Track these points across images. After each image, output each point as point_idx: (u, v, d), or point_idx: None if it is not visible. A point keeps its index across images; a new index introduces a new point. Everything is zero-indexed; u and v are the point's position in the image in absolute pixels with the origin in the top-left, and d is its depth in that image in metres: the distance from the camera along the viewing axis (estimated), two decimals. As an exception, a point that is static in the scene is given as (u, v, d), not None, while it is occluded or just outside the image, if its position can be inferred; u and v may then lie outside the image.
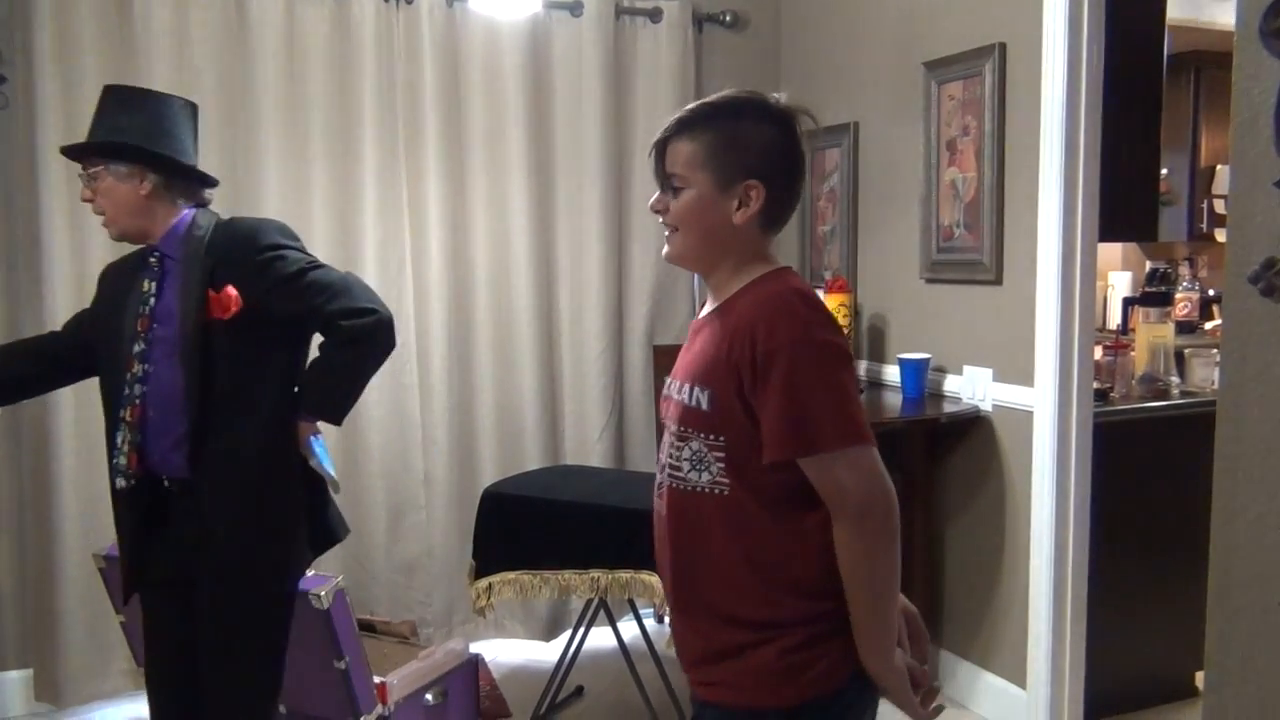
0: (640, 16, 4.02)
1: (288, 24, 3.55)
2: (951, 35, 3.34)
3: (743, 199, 1.53)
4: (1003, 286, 3.19)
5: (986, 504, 3.29)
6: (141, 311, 2.20)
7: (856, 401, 1.46)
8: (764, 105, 1.56)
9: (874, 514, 1.44)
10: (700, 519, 1.53)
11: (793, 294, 1.50)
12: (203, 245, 2.20)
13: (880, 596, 1.47)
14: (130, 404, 2.18)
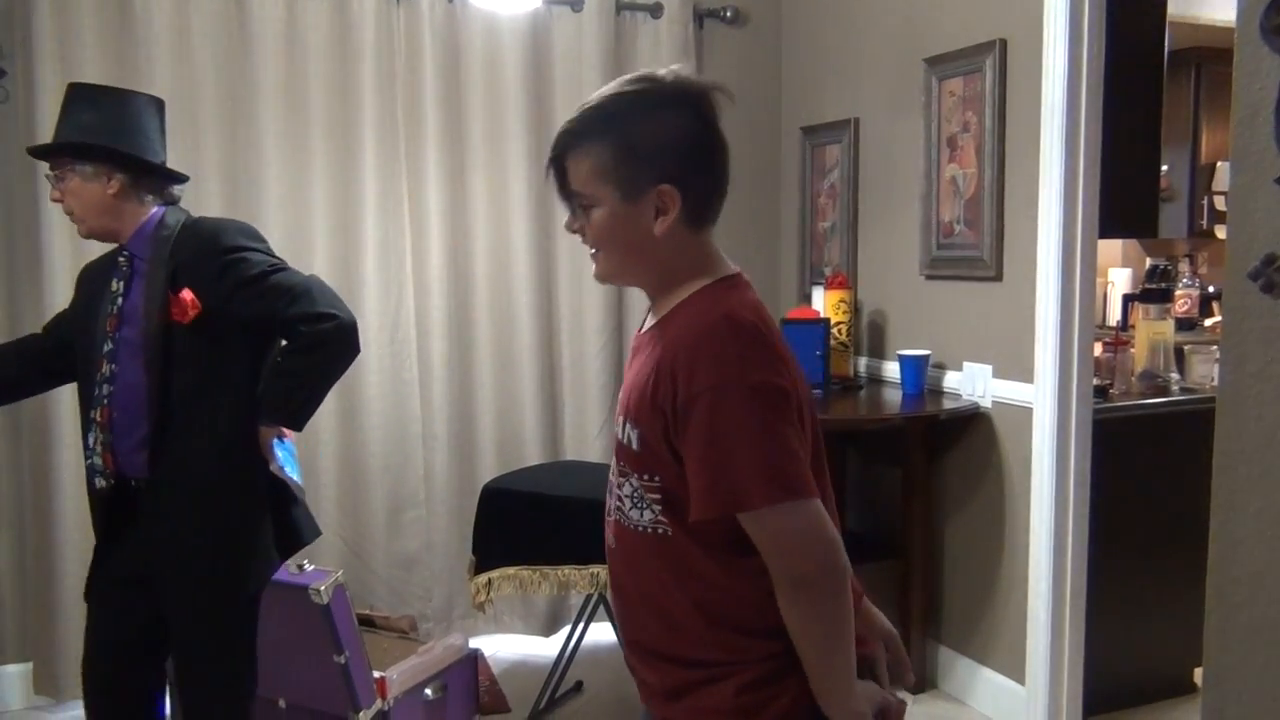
0: (641, 12, 4.02)
1: (288, 19, 3.54)
2: (952, 31, 3.34)
3: (659, 207, 1.37)
4: (1003, 283, 3.19)
5: (986, 500, 3.29)
6: (110, 311, 2.21)
7: (790, 451, 1.30)
8: (656, 92, 1.38)
9: (809, 578, 1.31)
10: (645, 559, 1.41)
11: (723, 324, 1.32)
12: (168, 246, 2.20)
13: (829, 650, 1.35)
14: (100, 405, 2.19)
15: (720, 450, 1.29)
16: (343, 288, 3.63)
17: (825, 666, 1.35)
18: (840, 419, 3.42)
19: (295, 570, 2.74)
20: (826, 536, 1.31)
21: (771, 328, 1.38)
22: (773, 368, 1.32)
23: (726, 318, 1.33)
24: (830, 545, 1.31)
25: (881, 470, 3.80)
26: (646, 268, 1.44)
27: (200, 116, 3.46)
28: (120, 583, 2.30)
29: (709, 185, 1.41)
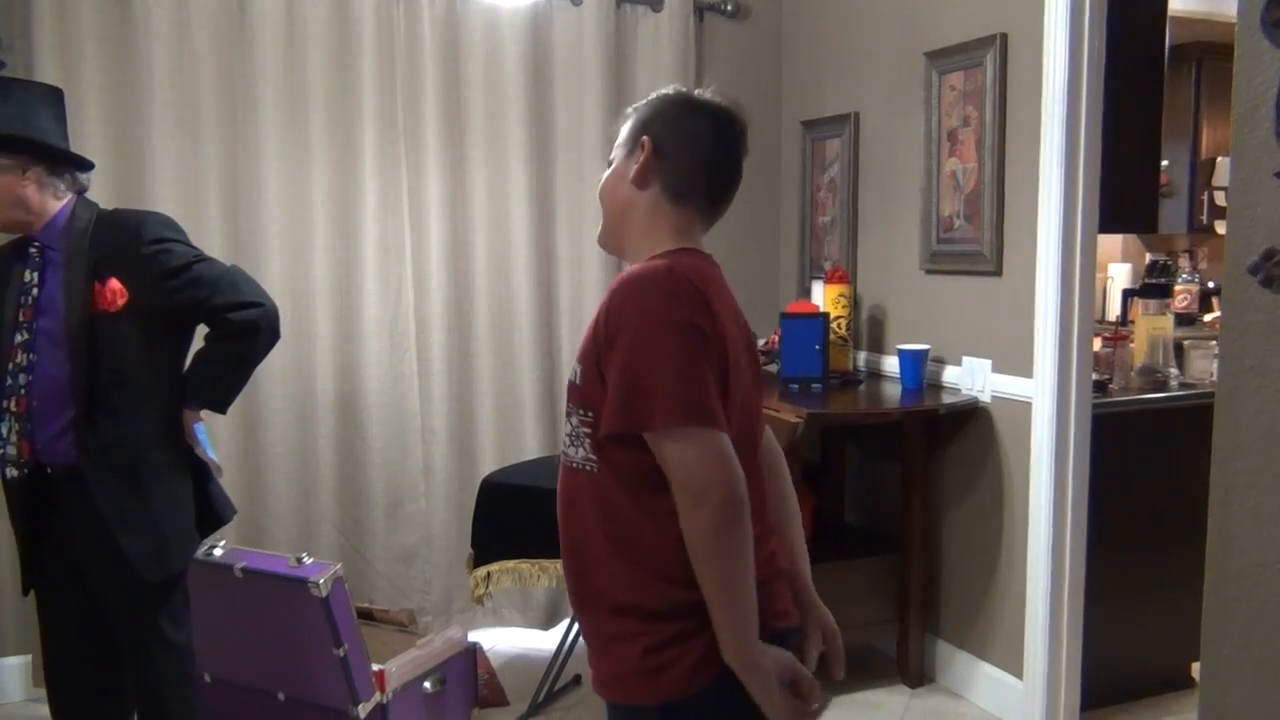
0: (641, 5, 4.01)
1: (288, 13, 3.53)
2: (953, 25, 3.34)
3: (637, 156, 1.57)
4: (1002, 278, 3.19)
5: (985, 494, 3.30)
6: (24, 302, 2.23)
7: (701, 383, 1.39)
8: (684, 94, 1.61)
9: (709, 497, 1.36)
10: (576, 496, 1.52)
11: (660, 269, 1.44)
12: (85, 237, 2.24)
13: (727, 584, 1.39)
14: (15, 394, 2.21)
15: (635, 373, 1.39)
16: (342, 283, 3.65)
17: (723, 602, 1.39)
18: (840, 413, 3.43)
19: (294, 564, 2.74)
20: (727, 466, 1.38)
21: (711, 287, 1.47)
22: (700, 313, 1.41)
23: (666, 267, 1.45)
24: (733, 479, 1.38)
25: (881, 465, 3.81)
26: (626, 226, 1.59)
27: (200, 111, 3.46)
28: (55, 575, 2.34)
29: (691, 164, 1.56)
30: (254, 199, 3.52)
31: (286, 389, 3.56)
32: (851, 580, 3.42)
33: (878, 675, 3.54)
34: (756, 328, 4.09)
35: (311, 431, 3.63)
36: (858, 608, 3.41)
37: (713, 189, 1.59)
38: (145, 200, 3.37)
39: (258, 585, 2.72)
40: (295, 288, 3.53)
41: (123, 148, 3.38)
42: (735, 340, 1.49)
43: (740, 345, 1.52)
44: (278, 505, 3.59)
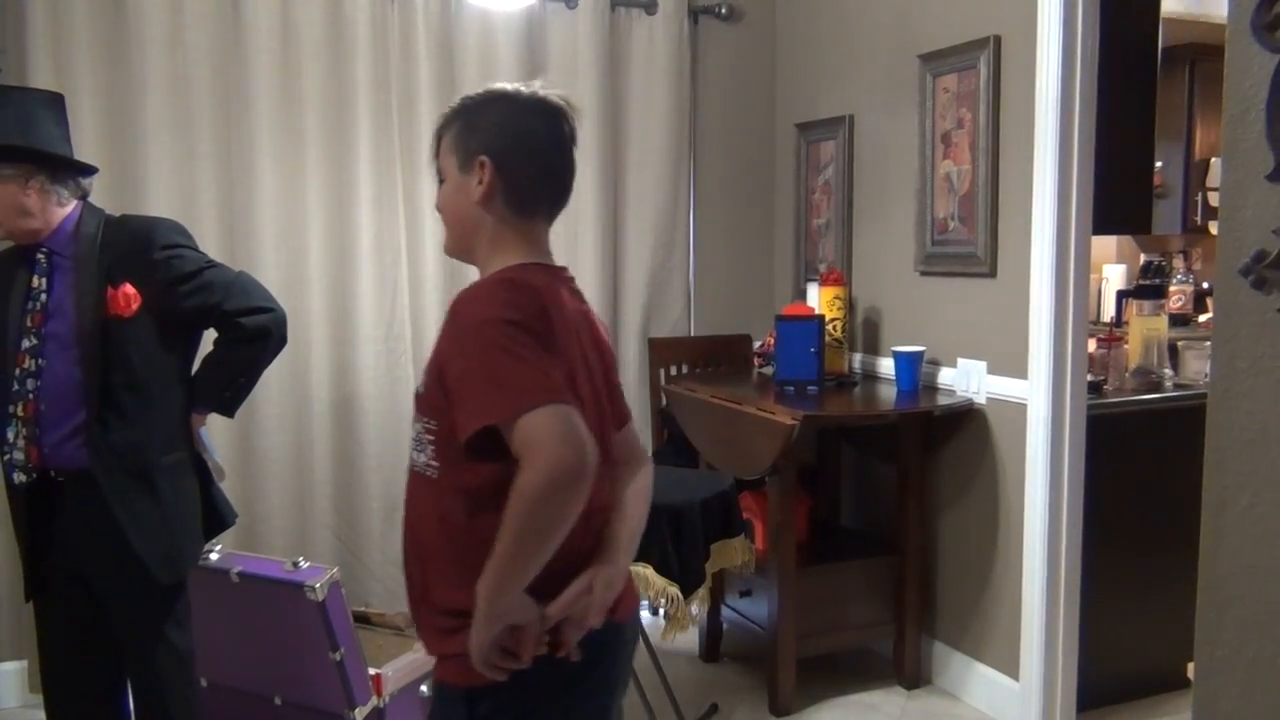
0: (635, 8, 4.02)
1: (283, 14, 3.53)
2: (946, 28, 3.34)
3: (479, 177, 1.55)
4: (997, 279, 3.20)
5: (980, 496, 3.30)
6: (32, 308, 2.23)
7: (544, 366, 1.40)
8: (512, 95, 1.58)
9: (540, 460, 1.35)
10: (417, 499, 1.57)
11: (499, 281, 1.49)
12: (95, 244, 2.25)
13: (523, 542, 1.39)
14: (23, 399, 2.21)
15: (480, 371, 1.41)
16: (337, 285, 3.65)
17: (510, 554, 1.39)
18: (835, 415, 3.43)
19: (290, 568, 2.74)
20: (569, 435, 1.37)
21: (551, 298, 1.50)
22: (536, 318, 1.45)
23: (504, 279, 1.50)
24: (569, 442, 1.36)
25: (876, 466, 3.81)
26: (471, 239, 1.60)
27: (194, 112, 3.46)
28: (59, 581, 2.33)
29: (532, 176, 1.57)
30: (248, 202, 3.52)
31: (282, 393, 3.56)
32: (847, 582, 3.42)
33: (874, 677, 3.55)
34: (752, 330, 4.15)
35: (307, 435, 3.63)
36: (854, 609, 3.42)
37: (555, 196, 1.62)
38: (140, 204, 3.37)
39: (254, 589, 2.72)
40: (290, 291, 3.53)
41: (117, 151, 3.37)
42: (575, 354, 1.53)
43: (580, 361, 1.54)
44: (273, 510, 3.58)
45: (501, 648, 1.47)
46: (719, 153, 4.28)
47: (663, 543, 2.83)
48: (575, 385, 1.50)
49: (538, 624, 1.47)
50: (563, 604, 1.50)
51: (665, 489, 3.03)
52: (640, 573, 2.84)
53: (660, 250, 4.12)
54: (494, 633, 1.44)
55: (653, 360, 4.11)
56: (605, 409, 1.62)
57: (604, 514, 1.59)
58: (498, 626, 1.44)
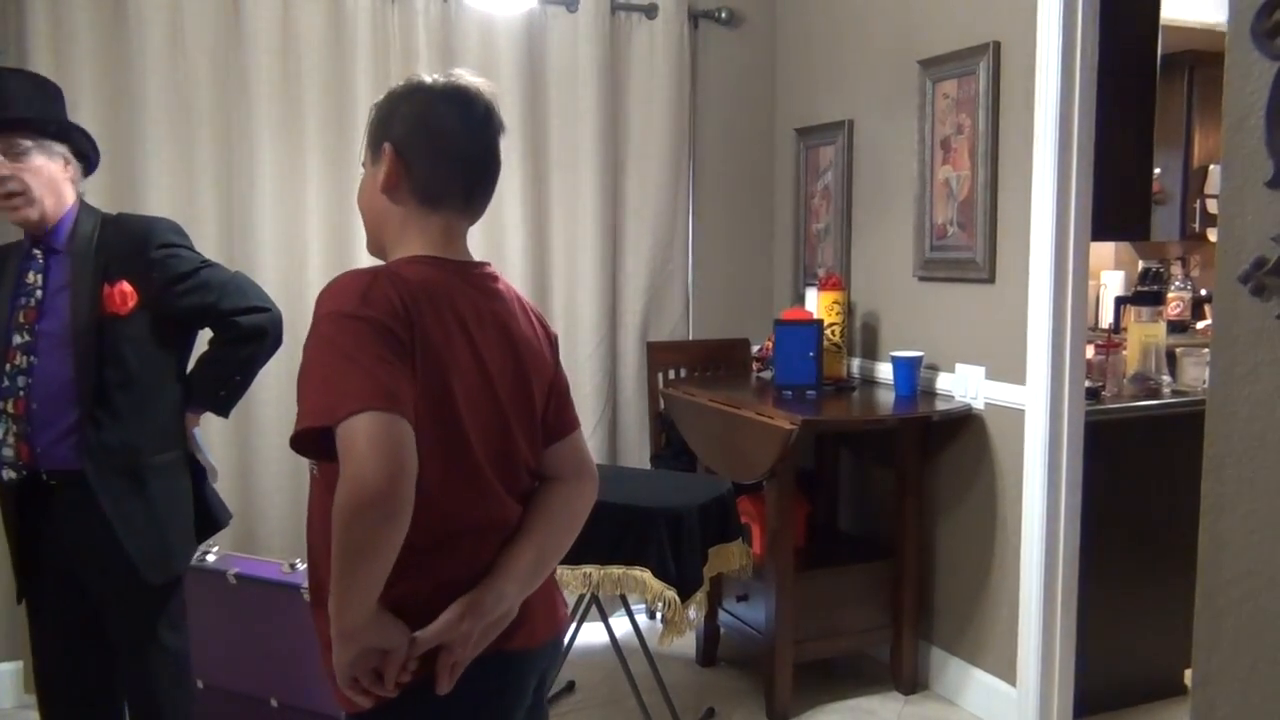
0: (636, 12, 4.02)
1: (283, 16, 3.53)
2: (946, 33, 3.35)
3: (385, 166, 1.49)
4: (995, 285, 3.20)
5: (978, 501, 3.30)
6: (25, 304, 2.21)
7: (379, 369, 1.31)
8: (423, 85, 1.52)
9: (350, 474, 1.26)
10: (311, 492, 1.52)
11: (364, 274, 1.40)
12: (92, 241, 2.25)
13: (344, 561, 1.30)
14: (14, 396, 2.18)
15: (316, 370, 1.34)
16: (336, 287, 3.64)
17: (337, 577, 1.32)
18: (833, 420, 3.43)
19: (287, 569, 2.74)
20: (384, 450, 1.26)
21: (425, 294, 1.41)
22: (390, 316, 1.35)
23: (370, 271, 1.41)
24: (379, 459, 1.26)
25: (874, 471, 3.81)
26: (381, 233, 1.54)
27: (194, 113, 3.46)
28: (51, 582, 2.31)
29: (439, 165, 1.49)
30: (248, 204, 3.52)
31: (279, 393, 3.55)
32: (845, 586, 3.42)
33: (871, 682, 3.54)
34: (751, 334, 4.15)
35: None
36: (851, 614, 3.41)
37: (469, 185, 1.53)
38: (139, 205, 3.36)
39: (251, 591, 2.72)
40: (290, 292, 3.52)
41: (117, 152, 3.36)
42: (459, 357, 1.43)
43: (468, 366, 1.44)
44: (270, 511, 3.58)
45: (374, 671, 1.39)
46: (719, 157, 4.28)
47: (660, 547, 2.83)
48: (448, 392, 1.40)
49: (403, 649, 1.39)
50: (433, 631, 1.40)
51: (663, 492, 3.04)
52: (638, 577, 2.84)
53: (659, 253, 4.13)
54: (352, 654, 1.37)
55: (651, 364, 4.11)
56: (511, 418, 1.51)
57: (495, 533, 1.49)
58: (354, 647, 1.36)
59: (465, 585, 1.44)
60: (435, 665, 1.42)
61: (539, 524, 1.54)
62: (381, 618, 1.37)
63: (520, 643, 1.52)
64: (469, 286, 1.51)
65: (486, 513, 1.47)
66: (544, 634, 1.59)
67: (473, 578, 1.45)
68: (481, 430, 1.46)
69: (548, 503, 1.58)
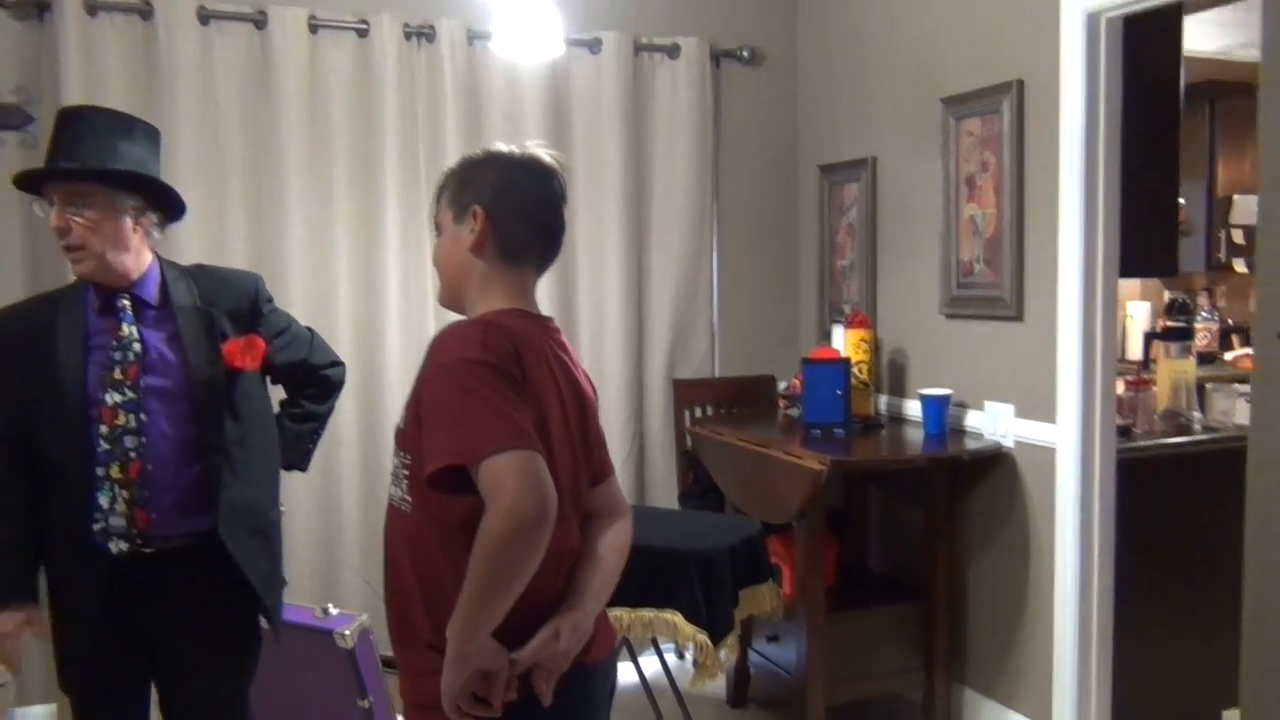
0: (658, 53, 4.05)
1: (311, 60, 3.58)
2: (969, 71, 3.36)
3: (472, 225, 1.62)
4: (1024, 322, 3.19)
5: (1010, 541, 3.27)
6: (123, 359, 2.05)
7: (512, 410, 1.45)
8: (505, 156, 1.67)
9: (503, 505, 1.40)
10: (395, 533, 1.63)
11: (476, 323, 1.57)
12: (191, 293, 2.14)
13: (487, 585, 1.43)
14: (121, 459, 2.02)
15: (450, 411, 1.46)
16: (365, 327, 3.67)
17: (475, 597, 1.44)
18: (863, 460, 3.42)
19: (320, 614, 2.73)
20: (528, 481, 1.41)
21: (527, 344, 1.55)
22: (509, 361, 1.49)
23: (481, 321, 1.58)
24: (528, 489, 1.40)
25: (904, 509, 3.79)
26: (461, 286, 1.67)
27: (224, 156, 3.50)
28: (120, 656, 2.15)
29: (521, 227, 1.64)
30: (278, 245, 3.55)
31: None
32: (875, 627, 3.39)
33: (903, 723, 3.51)
34: (776, 371, 4.14)
35: (334, 477, 3.64)
36: (882, 655, 3.38)
37: (545, 245, 1.69)
38: (172, 249, 3.37)
39: (283, 635, 2.71)
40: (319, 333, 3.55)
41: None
42: (550, 400, 1.57)
43: (555, 408, 1.58)
44: (301, 552, 3.58)
45: (473, 694, 1.50)
46: (742, 194, 4.30)
47: (691, 589, 2.82)
48: (547, 431, 1.53)
49: (506, 670, 1.51)
50: (531, 650, 1.53)
51: (693, 534, 3.03)
52: (670, 620, 2.83)
53: (684, 291, 4.14)
54: (464, 677, 1.48)
55: (677, 401, 4.11)
56: (580, 458, 1.66)
57: (567, 558, 1.62)
58: (467, 671, 1.48)
59: (543, 608, 1.57)
60: (531, 681, 1.54)
61: (600, 551, 1.69)
62: (491, 641, 1.48)
63: (594, 656, 1.67)
64: (547, 338, 1.66)
65: (565, 540, 1.58)
66: (607, 649, 1.74)
67: (549, 601, 1.58)
68: (564, 467, 1.59)
69: (602, 535, 1.71)
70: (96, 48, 3.34)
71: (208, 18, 3.46)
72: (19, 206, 3.35)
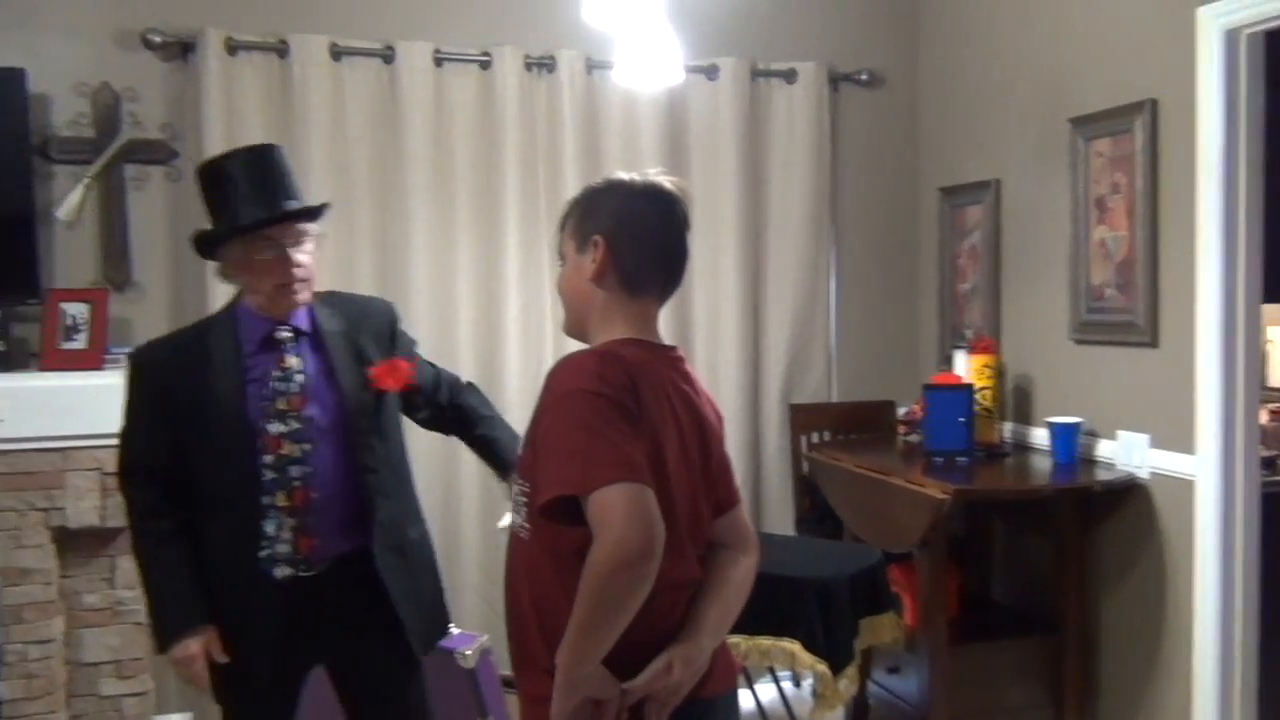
0: (775, 78, 4.05)
1: (435, 92, 3.69)
2: (1099, 91, 3.26)
3: (594, 255, 1.63)
4: (1159, 349, 3.07)
5: (1145, 576, 3.14)
6: (286, 389, 2.09)
7: (624, 442, 1.46)
8: (626, 184, 1.68)
9: (610, 537, 1.41)
10: (513, 558, 1.65)
11: (593, 353, 1.58)
12: (335, 320, 2.19)
13: (594, 615, 1.44)
14: (286, 488, 2.07)
15: (564, 442, 1.48)
16: (485, 354, 3.75)
17: (583, 627, 1.45)
18: (987, 489, 3.33)
19: None
20: (637, 514, 1.41)
21: (643, 375, 1.55)
22: (624, 393, 1.50)
23: (599, 351, 1.59)
24: (636, 523, 1.41)
25: (1030, 541, 3.67)
26: (583, 315, 1.69)
27: (352, 186, 3.62)
28: (279, 675, 2.15)
29: (643, 255, 1.64)
30: (402, 271, 3.66)
31: (429, 458, 3.64)
32: (1001, 662, 3.29)
33: (1030, 763, 3.39)
34: (896, 396, 4.07)
35: (454, 498, 3.71)
36: (1009, 691, 3.28)
37: (667, 275, 1.69)
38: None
39: None
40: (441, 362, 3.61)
41: (283, 228, 3.55)
42: (668, 431, 1.56)
43: (673, 439, 1.57)
44: None
45: None
46: (860, 218, 4.25)
47: (810, 618, 2.79)
48: (663, 462, 1.53)
49: (617, 700, 1.51)
50: (643, 681, 1.53)
51: (811, 562, 3.00)
52: (788, 649, 2.79)
53: (801, 316, 4.11)
54: (573, 704, 1.48)
55: (794, 426, 4.07)
56: (700, 488, 1.65)
57: (686, 590, 1.62)
58: (575, 698, 1.48)
59: (659, 638, 1.57)
60: (643, 713, 1.55)
61: (720, 584, 1.67)
62: (600, 669, 1.49)
63: (711, 691, 1.65)
64: (668, 368, 1.65)
65: (683, 572, 1.60)
66: (728, 683, 1.72)
67: (666, 631, 1.58)
68: (682, 498, 1.59)
69: (724, 565, 1.70)
70: (236, 85, 3.50)
71: (339, 54, 3.59)
72: (166, 238, 3.55)
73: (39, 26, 3.39)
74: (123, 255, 3.49)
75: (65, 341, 3.26)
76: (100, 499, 3.15)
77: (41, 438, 3.10)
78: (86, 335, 3.28)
